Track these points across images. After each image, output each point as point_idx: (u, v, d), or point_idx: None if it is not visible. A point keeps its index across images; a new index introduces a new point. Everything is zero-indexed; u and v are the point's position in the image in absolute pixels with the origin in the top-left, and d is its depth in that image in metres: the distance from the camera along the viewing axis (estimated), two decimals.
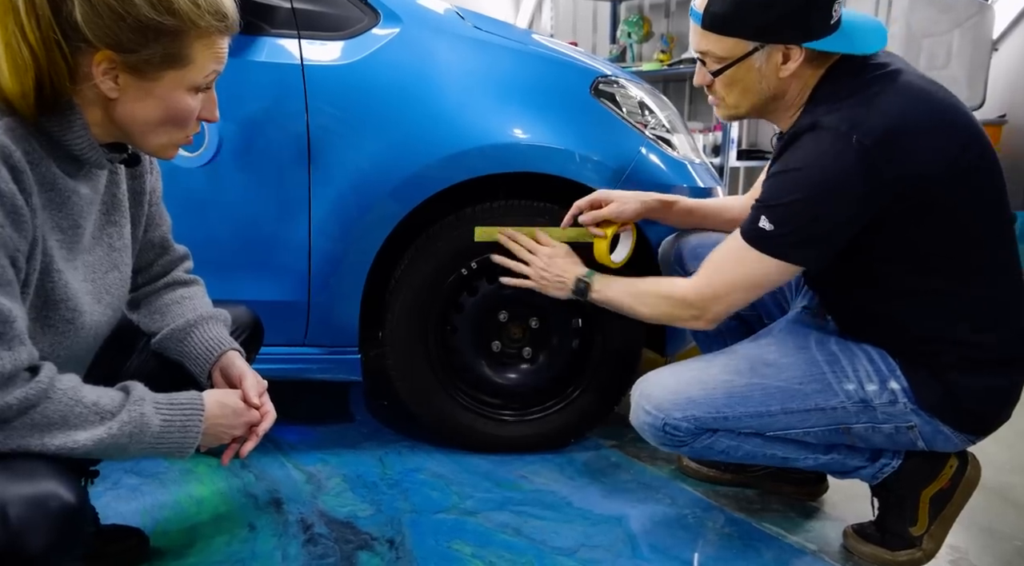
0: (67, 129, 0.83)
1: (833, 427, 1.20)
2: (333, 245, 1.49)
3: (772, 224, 1.10)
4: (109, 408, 0.82)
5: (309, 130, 1.44)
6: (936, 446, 1.21)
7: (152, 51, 0.81)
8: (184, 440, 0.89)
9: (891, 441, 1.21)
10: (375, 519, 1.36)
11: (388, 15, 1.48)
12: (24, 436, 0.76)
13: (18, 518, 0.71)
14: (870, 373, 1.18)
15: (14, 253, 0.77)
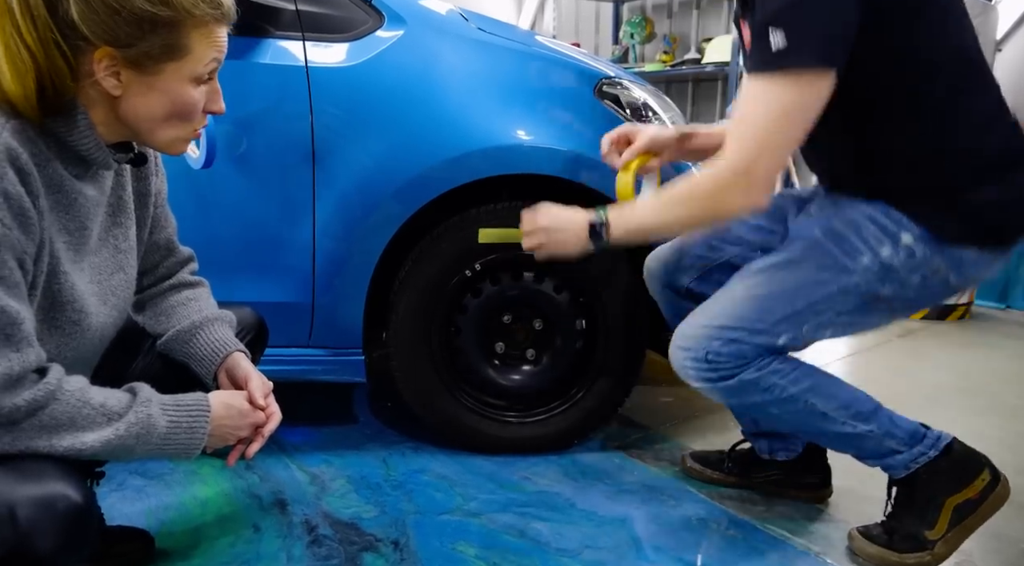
0: (73, 129, 0.83)
1: (865, 303, 1.18)
2: (337, 246, 1.49)
3: (786, 38, 1.01)
4: (116, 409, 0.82)
5: (313, 132, 1.44)
6: (969, 276, 1.18)
7: (150, 43, 0.81)
8: (190, 441, 0.89)
9: (926, 293, 1.19)
10: (379, 520, 1.36)
11: (392, 17, 1.48)
12: (32, 437, 0.76)
13: (27, 519, 0.71)
14: (880, 237, 1.15)
15: (21, 255, 0.77)
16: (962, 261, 1.16)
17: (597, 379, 1.63)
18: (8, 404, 0.73)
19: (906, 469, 1.25)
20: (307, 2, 1.46)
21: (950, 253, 1.15)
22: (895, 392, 2.13)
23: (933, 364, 2.42)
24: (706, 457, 1.56)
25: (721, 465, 1.52)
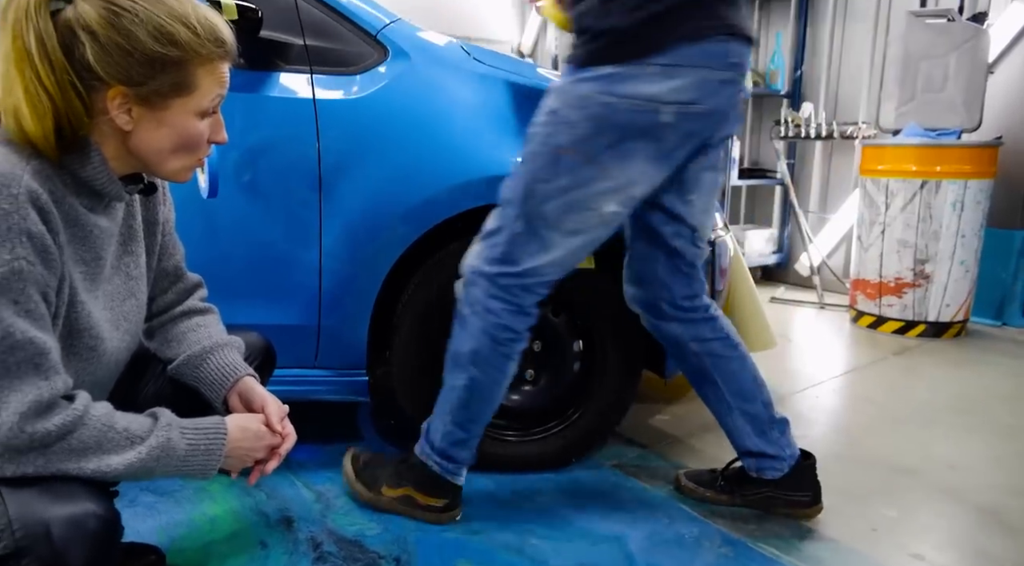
0: (87, 165, 0.88)
1: (549, 156, 1.26)
2: (343, 271, 1.54)
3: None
4: (139, 433, 0.87)
5: (321, 161, 1.50)
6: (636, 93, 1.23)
7: (160, 82, 0.86)
8: (208, 462, 0.94)
9: (607, 125, 1.24)
10: (382, 538, 1.41)
11: (396, 51, 1.54)
12: (62, 460, 0.81)
13: (60, 537, 0.76)
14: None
15: (45, 289, 0.83)
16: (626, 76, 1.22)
17: (594, 399, 1.67)
18: (40, 429, 0.79)
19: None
20: (315, 37, 1.52)
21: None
22: (887, 410, 2.17)
23: (927, 382, 2.46)
24: (699, 475, 1.60)
25: (714, 483, 1.56)
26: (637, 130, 1.23)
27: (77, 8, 0.82)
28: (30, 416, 0.78)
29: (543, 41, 5.52)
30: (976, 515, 1.56)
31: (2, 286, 0.77)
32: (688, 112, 1.23)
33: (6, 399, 0.78)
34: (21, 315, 0.79)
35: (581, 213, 1.28)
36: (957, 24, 2.88)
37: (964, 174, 2.82)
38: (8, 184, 0.78)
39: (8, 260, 0.77)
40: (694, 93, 1.22)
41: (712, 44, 1.21)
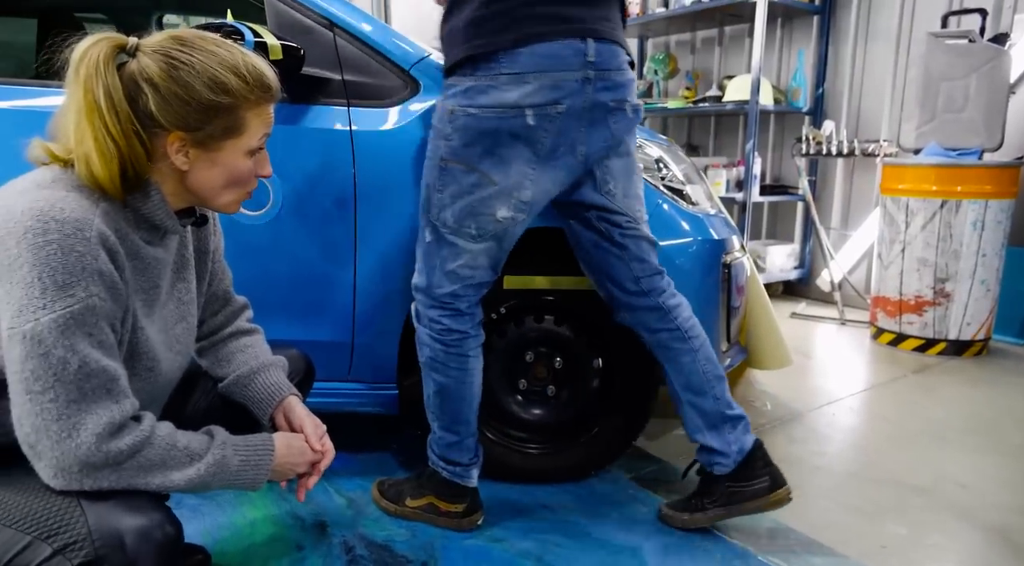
0: (148, 202, 0.97)
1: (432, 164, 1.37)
2: (375, 290, 1.64)
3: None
4: (198, 451, 0.96)
5: (356, 188, 1.60)
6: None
7: (214, 126, 0.95)
8: (256, 476, 1.03)
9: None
10: (410, 543, 1.49)
11: (427, 86, 1.64)
12: (132, 476, 0.90)
13: (133, 547, 0.85)
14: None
15: (113, 321, 0.92)
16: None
17: (613, 414, 1.74)
18: (114, 448, 0.88)
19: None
20: (352, 73, 1.62)
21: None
22: (902, 429, 2.20)
23: (944, 401, 2.48)
24: (676, 503, 1.60)
25: (689, 506, 1.56)
26: (507, 136, 1.32)
27: (140, 62, 0.92)
28: (105, 436, 0.87)
29: None
30: (985, 534, 1.60)
31: (78, 320, 0.86)
32: (551, 113, 1.30)
33: (84, 421, 0.86)
34: (95, 346, 0.88)
35: (477, 218, 1.37)
36: (978, 45, 2.91)
37: (985, 194, 2.84)
38: (82, 228, 0.87)
39: (83, 298, 0.86)
40: (552, 94, 1.29)
41: (563, 46, 1.28)
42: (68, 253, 0.85)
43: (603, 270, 1.51)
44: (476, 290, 1.44)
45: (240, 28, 1.42)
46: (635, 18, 4.32)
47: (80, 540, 0.85)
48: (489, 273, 1.44)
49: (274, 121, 1.04)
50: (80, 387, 0.86)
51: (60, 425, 0.85)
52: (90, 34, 0.93)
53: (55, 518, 0.86)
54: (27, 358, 0.84)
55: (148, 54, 0.92)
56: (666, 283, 1.52)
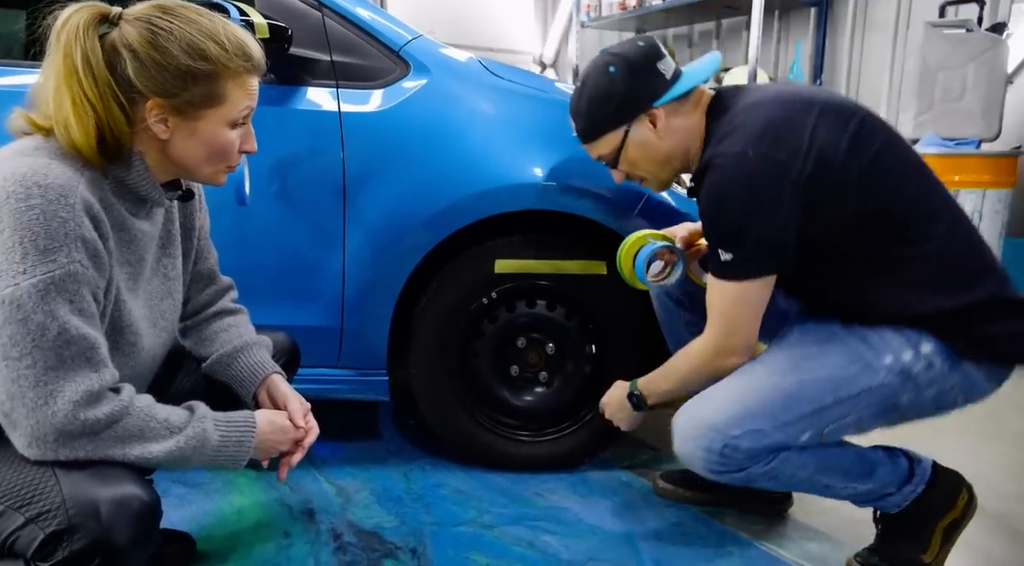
0: (131, 172, 0.96)
1: (884, 406, 1.22)
2: (365, 275, 1.61)
3: (730, 252, 1.21)
4: (177, 424, 0.94)
5: (345, 171, 1.58)
6: (974, 397, 1.25)
7: (192, 93, 0.94)
8: (238, 453, 1.01)
9: (936, 405, 1.24)
10: (399, 530, 1.47)
11: (418, 66, 1.62)
12: (110, 447, 0.88)
13: (108, 516, 0.83)
14: (901, 343, 1.20)
15: (95, 290, 0.91)
16: (973, 383, 1.22)
17: None
18: (91, 417, 0.86)
19: (898, 507, 1.31)
20: (341, 54, 1.60)
21: (964, 372, 1.21)
22: None
23: None
24: (674, 475, 1.63)
25: (693, 483, 1.58)
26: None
27: (122, 30, 0.91)
28: (82, 404, 0.86)
29: (564, 52, 5.59)
30: (984, 520, 1.57)
31: (59, 287, 0.85)
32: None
33: (61, 389, 0.85)
34: (75, 313, 0.86)
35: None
36: (976, 35, 2.89)
37: (983, 183, 2.82)
38: (65, 194, 0.86)
39: (65, 263, 0.85)
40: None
41: None
42: (51, 219, 0.84)
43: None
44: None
45: (225, 6, 1.40)
46: (632, 11, 4.30)
47: (53, 509, 0.83)
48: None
49: (260, 102, 1.03)
50: (59, 354, 0.85)
51: (36, 392, 0.84)
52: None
53: (28, 487, 0.84)
54: (5, 323, 0.83)
55: (130, 22, 0.92)
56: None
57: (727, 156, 1.20)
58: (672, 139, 1.31)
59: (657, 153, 1.32)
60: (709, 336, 1.29)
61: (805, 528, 1.52)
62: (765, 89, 1.29)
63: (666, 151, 1.32)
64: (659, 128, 1.30)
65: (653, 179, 1.38)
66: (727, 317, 1.27)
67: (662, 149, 1.32)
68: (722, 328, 1.27)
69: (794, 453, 1.23)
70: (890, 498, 1.31)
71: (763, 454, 1.21)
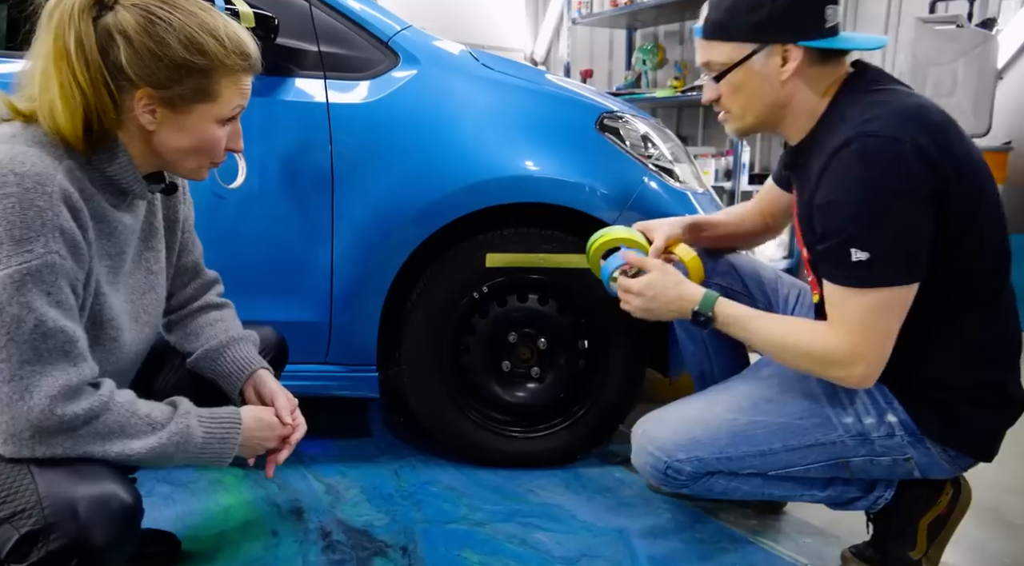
0: (114, 163, 0.93)
1: (832, 461, 1.21)
2: (354, 269, 1.59)
3: (867, 251, 1.04)
4: (160, 420, 0.92)
5: (333, 163, 1.55)
6: (931, 475, 1.23)
7: (185, 87, 0.92)
8: (223, 450, 0.98)
9: (888, 472, 1.23)
10: (390, 528, 1.45)
11: (407, 57, 1.59)
12: (89, 443, 0.86)
13: (86, 515, 0.81)
14: (867, 406, 1.19)
15: (74, 282, 0.88)
16: (932, 463, 1.20)
17: (599, 397, 1.70)
18: (69, 412, 0.83)
19: (871, 509, 1.30)
20: (329, 44, 1.57)
21: (925, 450, 1.18)
22: None
23: None
24: None
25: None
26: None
27: (117, 15, 0.89)
28: (60, 399, 0.83)
29: (556, 49, 5.58)
30: (976, 513, 1.55)
31: (35, 277, 0.82)
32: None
33: (38, 383, 0.82)
34: (53, 305, 0.84)
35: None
36: (966, 30, 2.89)
37: None
38: (43, 183, 0.84)
39: (42, 253, 0.82)
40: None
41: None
42: (27, 207, 0.82)
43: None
44: None
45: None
46: (623, 7, 4.28)
47: (29, 508, 0.80)
48: None
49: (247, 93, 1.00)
50: (35, 347, 0.82)
51: (12, 387, 0.81)
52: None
53: (2, 486, 0.82)
54: None
55: (127, 7, 0.89)
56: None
57: (872, 136, 1.04)
58: (791, 89, 1.15)
59: (766, 93, 1.16)
60: (835, 341, 1.10)
61: (800, 523, 1.50)
62: (906, 88, 1.16)
63: (776, 97, 1.16)
64: (786, 68, 1.13)
65: (739, 118, 1.21)
66: (862, 330, 1.08)
67: (774, 92, 1.16)
68: (852, 341, 1.09)
69: (737, 478, 1.25)
70: (858, 502, 1.30)
71: (705, 478, 1.24)
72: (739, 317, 1.21)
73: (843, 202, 1.06)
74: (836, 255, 1.08)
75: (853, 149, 1.05)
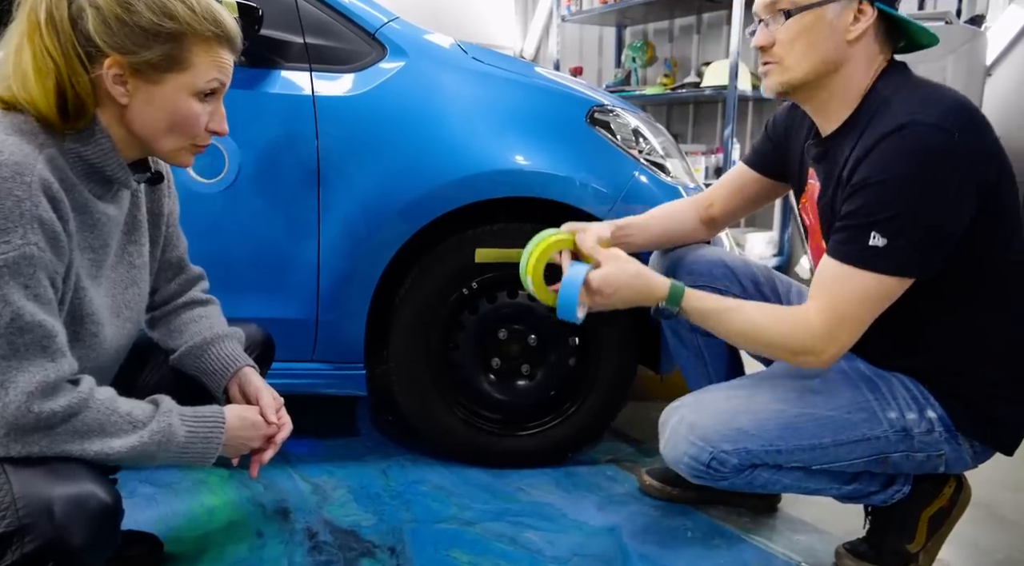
0: (94, 145, 0.91)
1: (874, 457, 1.19)
2: (341, 265, 1.56)
3: (887, 238, 1.03)
4: (141, 418, 0.89)
5: (319, 157, 1.52)
6: (954, 469, 1.23)
7: (154, 53, 0.89)
8: (206, 450, 0.96)
9: (919, 467, 1.22)
10: (377, 528, 1.42)
11: (394, 49, 1.57)
12: (66, 441, 0.83)
13: (63, 515, 0.78)
14: (908, 401, 1.17)
15: (53, 275, 0.85)
16: (958, 459, 1.20)
17: (590, 394, 1.68)
18: (47, 409, 0.81)
19: (885, 503, 1.29)
20: (314, 35, 1.54)
21: (956, 445, 1.18)
22: None
23: None
24: (661, 472, 1.57)
25: (680, 480, 1.51)
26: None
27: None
28: (37, 396, 0.80)
29: (545, 47, 5.56)
30: (969, 509, 1.55)
31: (12, 270, 0.80)
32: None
33: (14, 379, 0.80)
34: (30, 299, 0.81)
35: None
36: (955, 27, 2.89)
37: None
38: (22, 172, 0.81)
39: (20, 245, 0.80)
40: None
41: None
42: (4, 197, 0.79)
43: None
44: None
45: None
46: (612, 5, 4.27)
47: (3, 509, 0.78)
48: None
49: (229, 84, 0.97)
50: (11, 342, 0.80)
51: None
52: None
53: None
54: None
55: None
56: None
57: (928, 125, 1.01)
58: (853, 51, 1.11)
59: (828, 48, 1.10)
60: (817, 321, 1.09)
61: (793, 521, 1.49)
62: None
63: (835, 55, 1.11)
64: (856, 27, 1.09)
65: (789, 70, 1.14)
66: (845, 313, 1.08)
67: (836, 49, 1.10)
68: (833, 322, 1.09)
69: (780, 471, 1.22)
70: (875, 495, 1.28)
71: (749, 470, 1.20)
72: (707, 310, 1.18)
73: (881, 185, 1.04)
74: (854, 233, 1.07)
75: (905, 135, 1.03)
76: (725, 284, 1.43)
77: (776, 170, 1.42)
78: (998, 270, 1.13)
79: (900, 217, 1.03)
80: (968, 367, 1.17)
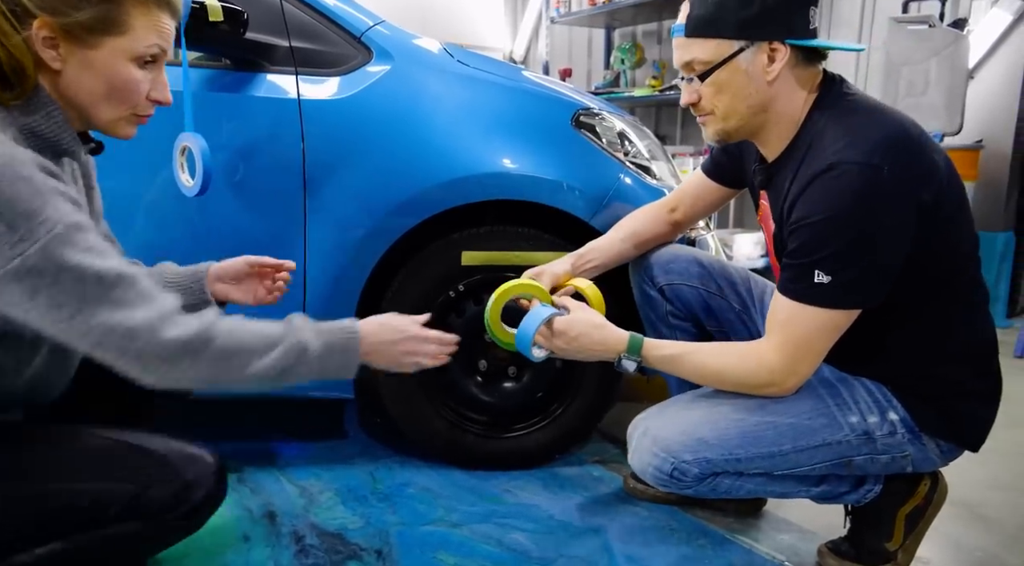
0: (48, 120, 0.89)
1: (837, 461, 1.21)
2: (327, 268, 1.56)
3: (830, 275, 1.07)
4: (274, 336, 0.94)
5: (305, 160, 1.52)
6: (922, 469, 1.25)
7: (86, 14, 0.86)
8: (346, 359, 1.00)
9: (885, 468, 1.24)
10: (364, 531, 1.42)
11: (380, 53, 1.57)
12: (212, 365, 0.88)
13: (192, 473, 0.95)
14: (870, 404, 1.20)
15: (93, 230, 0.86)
16: (925, 459, 1.22)
17: (576, 396, 1.69)
18: (177, 334, 0.86)
19: (858, 503, 1.30)
20: (300, 39, 1.54)
21: (921, 445, 1.20)
22: None
23: None
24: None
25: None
26: None
27: None
28: (160, 327, 0.85)
29: (535, 48, 5.57)
30: (955, 508, 1.57)
31: (65, 240, 0.81)
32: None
33: (131, 320, 0.84)
34: (97, 256, 0.84)
35: None
36: (938, 30, 2.93)
37: None
38: (14, 156, 0.81)
39: (56, 218, 0.81)
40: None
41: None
42: (14, 182, 0.80)
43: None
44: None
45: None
46: (601, 6, 4.28)
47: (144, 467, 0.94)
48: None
49: (215, 88, 0.97)
50: (109, 298, 0.84)
51: (118, 337, 0.84)
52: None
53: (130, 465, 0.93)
54: (35, 293, 0.80)
55: None
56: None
57: (855, 164, 1.04)
58: (777, 89, 1.14)
59: (751, 94, 1.14)
60: (776, 357, 1.14)
61: (778, 520, 1.50)
62: (873, 98, 1.18)
63: (760, 98, 1.14)
64: (772, 68, 1.11)
65: (721, 120, 1.18)
66: (799, 346, 1.13)
67: (759, 93, 1.14)
68: (790, 356, 1.13)
69: (742, 477, 1.24)
70: (847, 495, 1.30)
71: (711, 478, 1.22)
72: (669, 357, 1.23)
73: (818, 224, 1.07)
74: (799, 271, 1.10)
75: (836, 175, 1.05)
76: (702, 282, 1.44)
77: (734, 179, 1.45)
78: (951, 277, 1.16)
79: (839, 255, 1.06)
80: (930, 368, 1.19)
